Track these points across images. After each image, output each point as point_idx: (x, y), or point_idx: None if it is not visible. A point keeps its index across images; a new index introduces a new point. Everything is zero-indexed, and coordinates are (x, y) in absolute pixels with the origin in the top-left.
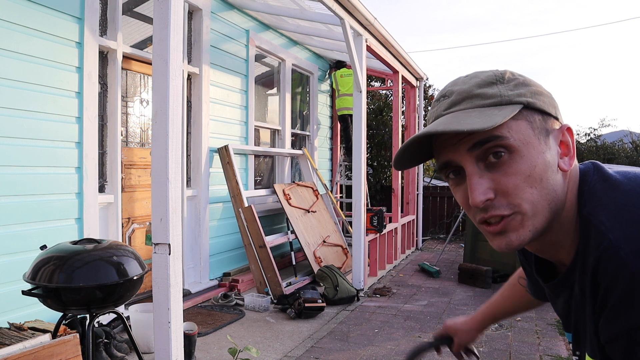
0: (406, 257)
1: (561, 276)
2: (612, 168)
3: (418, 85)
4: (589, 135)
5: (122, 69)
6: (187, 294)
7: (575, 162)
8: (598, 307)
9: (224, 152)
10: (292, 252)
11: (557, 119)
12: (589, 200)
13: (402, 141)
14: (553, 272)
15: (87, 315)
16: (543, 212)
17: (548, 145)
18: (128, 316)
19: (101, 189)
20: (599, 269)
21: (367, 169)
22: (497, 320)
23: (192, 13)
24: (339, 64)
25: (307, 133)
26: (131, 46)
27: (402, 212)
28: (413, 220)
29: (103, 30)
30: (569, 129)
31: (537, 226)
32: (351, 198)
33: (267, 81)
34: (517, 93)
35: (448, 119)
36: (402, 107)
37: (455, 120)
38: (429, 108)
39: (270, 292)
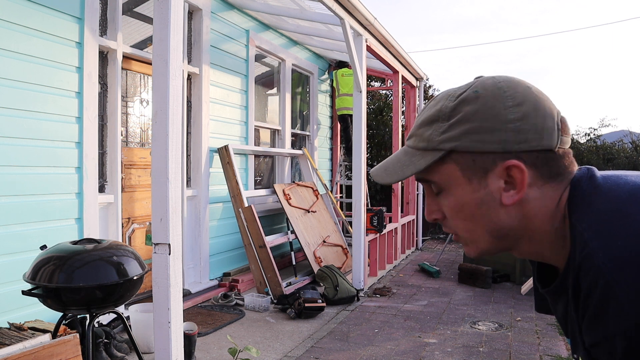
0: (406, 257)
1: (556, 282)
2: (607, 173)
3: (418, 85)
4: (588, 135)
5: (122, 69)
6: (187, 294)
7: (567, 175)
8: (581, 313)
9: (224, 152)
10: (292, 252)
11: (506, 152)
12: (577, 207)
13: (402, 141)
14: (553, 279)
15: (87, 315)
16: (482, 239)
17: (484, 183)
18: (128, 316)
19: (101, 189)
20: (580, 276)
21: (367, 169)
22: None
23: (192, 13)
24: (340, 64)
25: (307, 133)
26: (131, 46)
27: (402, 212)
28: (413, 220)
29: (103, 30)
30: (514, 165)
31: (482, 248)
32: (351, 198)
33: (267, 81)
34: (445, 138)
35: (391, 159)
36: (402, 107)
37: (386, 166)
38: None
39: (270, 292)
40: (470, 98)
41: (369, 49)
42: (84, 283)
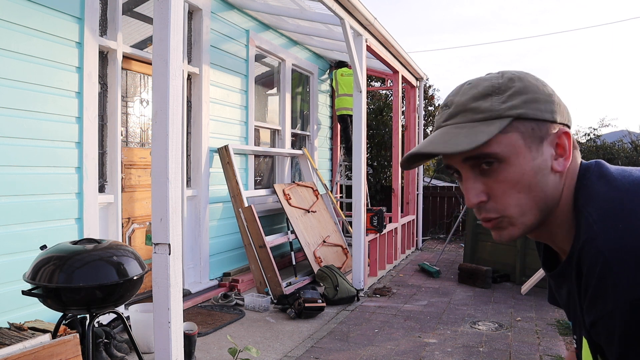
0: (406, 257)
1: (561, 265)
2: (614, 166)
3: (418, 85)
4: (588, 135)
5: (122, 69)
6: (187, 294)
7: (577, 158)
8: (582, 293)
9: (224, 152)
10: (292, 252)
11: (554, 122)
12: (584, 193)
13: (402, 141)
14: (557, 265)
15: (87, 315)
16: (531, 212)
17: (540, 151)
18: (128, 316)
19: (101, 189)
20: (581, 259)
21: (367, 169)
22: None
23: (192, 13)
24: (340, 64)
25: (307, 133)
26: (131, 46)
27: (402, 212)
28: (413, 220)
29: (103, 30)
30: (565, 133)
31: (527, 223)
32: (351, 198)
33: (267, 81)
34: (508, 106)
35: (441, 134)
36: (402, 107)
37: (444, 139)
38: (429, 108)
39: (270, 292)
40: (516, 77)
41: (369, 49)
42: (84, 283)
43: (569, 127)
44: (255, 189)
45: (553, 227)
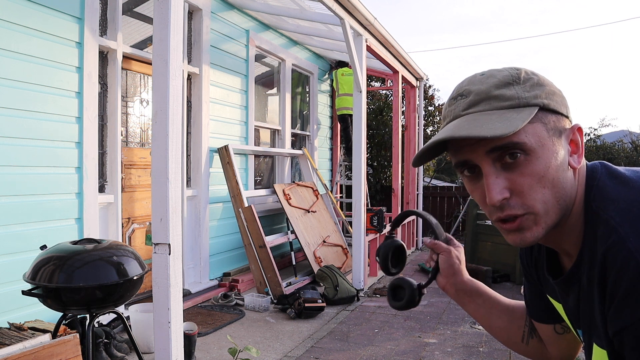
0: None
1: (570, 270)
2: (621, 167)
3: (418, 85)
4: (588, 135)
5: (122, 69)
6: (187, 294)
7: (584, 159)
8: (607, 300)
9: (224, 152)
10: (292, 252)
11: (568, 117)
12: (598, 195)
13: (402, 141)
14: (562, 271)
15: (87, 315)
16: (554, 210)
17: (560, 145)
18: (128, 316)
19: (101, 189)
20: (607, 262)
21: (367, 169)
22: (474, 295)
23: (192, 13)
24: (340, 64)
25: (307, 133)
26: (131, 46)
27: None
28: (413, 220)
29: (103, 30)
30: (579, 129)
31: (549, 223)
32: (351, 198)
33: (267, 81)
34: (533, 95)
35: (468, 121)
36: (402, 107)
37: (476, 125)
38: (429, 108)
39: (270, 292)
40: (529, 71)
41: (369, 49)
42: (84, 283)
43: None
44: (255, 189)
45: (565, 229)
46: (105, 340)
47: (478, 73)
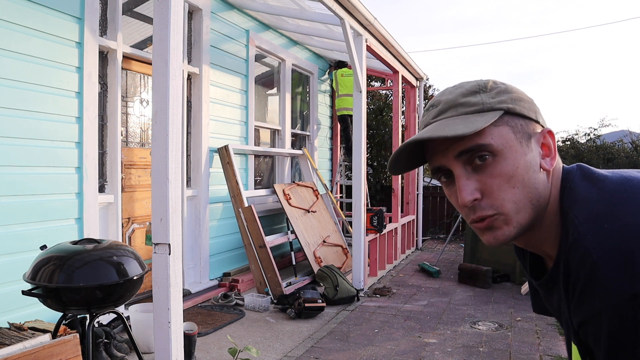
0: (406, 257)
1: (549, 271)
2: (596, 169)
3: (418, 85)
4: (588, 135)
5: (122, 69)
6: (187, 294)
7: (559, 162)
8: (570, 296)
9: (224, 152)
10: (292, 252)
11: (538, 122)
12: (569, 195)
13: (402, 141)
14: (545, 272)
15: (87, 315)
16: (526, 209)
17: (530, 147)
18: (128, 316)
19: (101, 189)
20: (569, 260)
21: (367, 169)
22: None
23: (192, 13)
24: (340, 64)
25: (307, 133)
26: (131, 46)
27: (402, 212)
28: (413, 220)
29: (103, 30)
30: (550, 132)
31: (521, 222)
32: (351, 198)
33: (267, 81)
34: (498, 100)
35: (435, 126)
36: (402, 107)
37: (441, 127)
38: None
39: (270, 292)
40: (497, 81)
41: (369, 49)
42: (84, 283)
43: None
44: (255, 189)
45: (542, 231)
46: (105, 340)
47: (450, 86)
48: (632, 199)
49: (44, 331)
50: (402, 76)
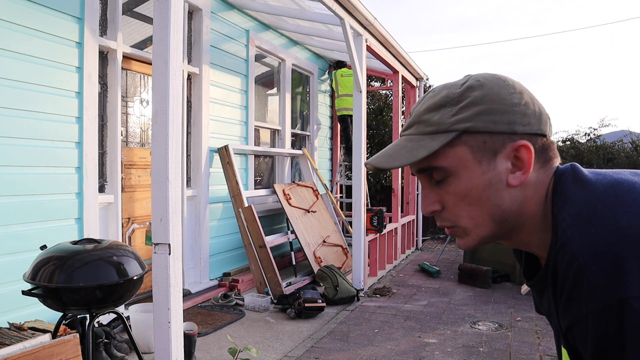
0: (406, 257)
1: (540, 273)
2: (590, 169)
3: (418, 85)
4: (588, 135)
5: (122, 69)
6: (187, 294)
7: (554, 163)
8: (558, 299)
9: (224, 152)
10: (292, 252)
11: (514, 133)
12: (560, 198)
13: None
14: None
15: (87, 315)
16: (485, 224)
17: (492, 165)
18: (128, 316)
19: (101, 189)
20: (557, 263)
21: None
22: None
23: (192, 13)
24: (339, 64)
25: (307, 133)
26: (131, 46)
27: (402, 212)
28: (413, 220)
29: (103, 30)
30: (523, 146)
31: (482, 235)
32: (351, 198)
33: (267, 81)
34: (457, 119)
35: (394, 146)
36: (402, 107)
37: (389, 155)
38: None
39: (270, 292)
40: (476, 85)
41: (369, 49)
42: (84, 283)
43: (543, 135)
44: (255, 189)
45: (524, 235)
46: (105, 340)
47: (434, 88)
48: (620, 202)
49: (44, 331)
50: (402, 76)
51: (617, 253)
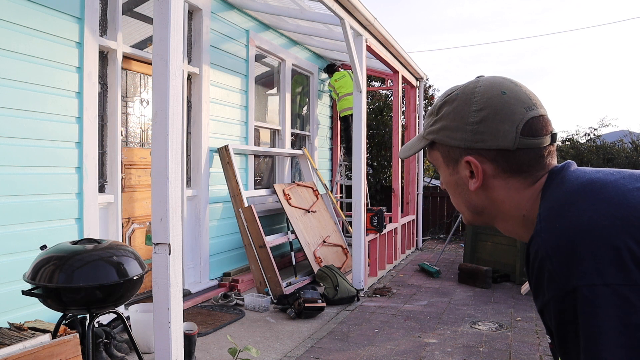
0: (406, 257)
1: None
2: (578, 168)
3: (418, 85)
4: (588, 135)
5: (122, 69)
6: (187, 294)
7: (550, 162)
8: (531, 286)
9: (224, 152)
10: (292, 252)
11: (468, 148)
12: (544, 194)
13: (402, 141)
14: None
15: (87, 315)
16: (465, 212)
17: (456, 170)
18: (128, 316)
19: (101, 189)
20: (529, 254)
21: (367, 169)
22: None
23: (192, 13)
24: (329, 68)
25: (307, 133)
26: (131, 46)
27: (402, 212)
28: (413, 220)
29: (103, 30)
30: (469, 160)
31: (467, 218)
32: (351, 198)
33: (267, 81)
34: (430, 130)
35: (408, 142)
36: (402, 107)
37: (406, 148)
38: (429, 108)
39: (270, 292)
40: (451, 99)
41: (369, 49)
42: (84, 283)
43: (501, 150)
44: (255, 189)
45: (511, 226)
46: (105, 340)
47: (452, 86)
48: (586, 199)
49: (44, 331)
50: (402, 76)
51: (573, 245)
